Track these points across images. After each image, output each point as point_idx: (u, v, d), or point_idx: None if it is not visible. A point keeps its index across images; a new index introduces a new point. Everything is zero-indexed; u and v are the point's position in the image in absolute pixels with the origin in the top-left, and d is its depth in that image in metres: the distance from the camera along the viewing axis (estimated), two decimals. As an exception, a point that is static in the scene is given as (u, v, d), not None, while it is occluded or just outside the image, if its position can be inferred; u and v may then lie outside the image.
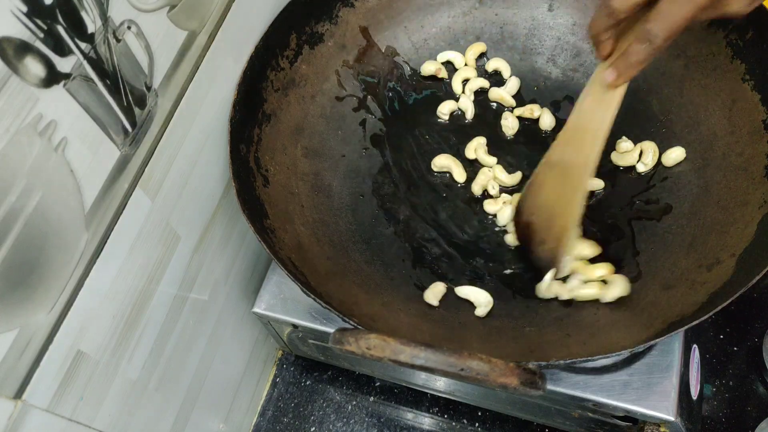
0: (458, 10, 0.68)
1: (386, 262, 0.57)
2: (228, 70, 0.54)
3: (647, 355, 0.53)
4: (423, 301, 0.54)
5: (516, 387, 0.36)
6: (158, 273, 0.49)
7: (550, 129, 0.63)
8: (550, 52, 0.66)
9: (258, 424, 0.72)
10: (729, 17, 0.42)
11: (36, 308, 0.38)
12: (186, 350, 0.55)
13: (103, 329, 0.44)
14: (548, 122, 0.63)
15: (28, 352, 0.37)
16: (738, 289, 0.44)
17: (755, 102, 0.54)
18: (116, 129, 0.42)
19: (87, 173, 0.40)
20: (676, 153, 0.58)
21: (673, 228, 0.55)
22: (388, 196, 0.61)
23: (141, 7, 0.42)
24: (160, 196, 0.48)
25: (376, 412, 0.71)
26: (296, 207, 0.57)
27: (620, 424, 0.55)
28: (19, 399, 0.37)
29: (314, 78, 0.63)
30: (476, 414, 0.70)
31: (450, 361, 0.35)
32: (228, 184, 0.58)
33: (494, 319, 0.53)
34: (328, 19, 0.64)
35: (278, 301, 0.60)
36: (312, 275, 0.51)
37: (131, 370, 0.48)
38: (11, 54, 0.33)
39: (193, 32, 0.48)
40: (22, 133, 0.35)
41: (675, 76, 0.60)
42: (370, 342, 0.36)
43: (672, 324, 0.45)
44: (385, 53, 0.67)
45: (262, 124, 0.58)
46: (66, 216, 0.39)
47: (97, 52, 0.39)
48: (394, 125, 0.65)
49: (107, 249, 0.43)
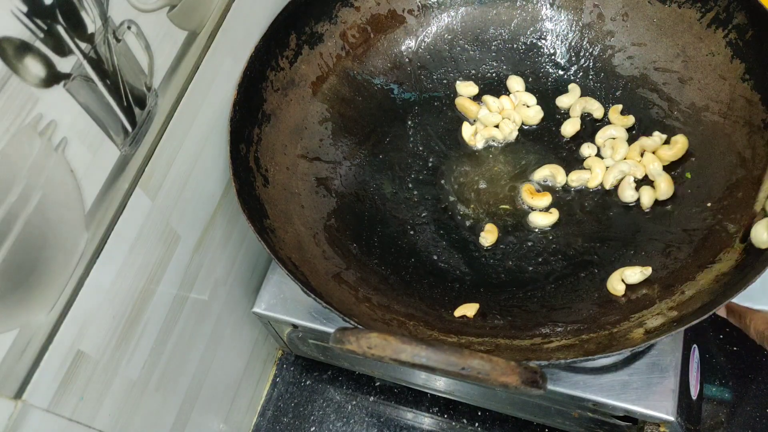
0: (459, 10, 0.68)
1: (387, 262, 0.57)
2: (228, 70, 0.54)
3: (647, 355, 0.53)
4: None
5: (517, 386, 0.36)
6: (158, 273, 0.49)
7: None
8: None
9: (258, 424, 0.72)
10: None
11: (36, 308, 0.38)
12: (186, 350, 0.55)
13: (103, 329, 0.44)
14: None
15: (28, 352, 0.37)
16: (738, 289, 0.44)
17: (755, 101, 0.54)
18: (116, 129, 0.42)
19: (87, 173, 0.40)
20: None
21: (672, 228, 0.55)
22: (389, 196, 0.61)
23: (141, 7, 0.42)
24: (160, 196, 0.48)
25: (376, 412, 0.71)
26: (296, 207, 0.57)
27: (620, 424, 0.55)
28: (19, 399, 0.37)
29: (314, 78, 0.63)
30: (476, 414, 0.70)
31: (451, 360, 0.35)
32: (228, 184, 0.58)
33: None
34: (328, 19, 0.64)
35: (278, 301, 0.60)
36: (312, 275, 0.51)
37: (131, 370, 0.48)
38: (11, 54, 0.33)
39: (193, 32, 0.48)
40: (22, 133, 0.35)
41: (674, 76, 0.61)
42: (371, 341, 0.36)
43: (672, 324, 0.46)
44: (386, 53, 0.67)
45: (262, 124, 0.58)
46: (66, 216, 0.39)
47: (97, 52, 0.39)
48: (395, 125, 0.65)
49: (107, 249, 0.43)
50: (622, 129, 0.61)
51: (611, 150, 0.60)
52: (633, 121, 0.61)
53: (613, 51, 0.64)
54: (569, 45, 0.66)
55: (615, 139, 0.60)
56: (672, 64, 0.61)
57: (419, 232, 0.59)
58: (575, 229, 0.57)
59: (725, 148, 0.56)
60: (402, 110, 0.66)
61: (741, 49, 0.56)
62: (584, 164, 0.60)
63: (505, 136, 0.63)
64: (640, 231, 0.56)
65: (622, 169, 0.58)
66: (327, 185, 0.60)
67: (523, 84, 0.65)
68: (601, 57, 0.65)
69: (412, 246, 0.58)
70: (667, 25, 0.61)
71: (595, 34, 0.65)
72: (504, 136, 0.63)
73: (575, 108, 0.63)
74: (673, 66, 0.61)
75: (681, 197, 0.56)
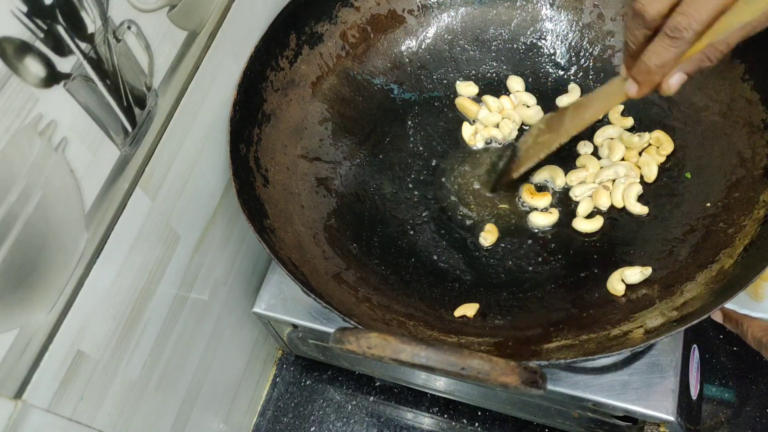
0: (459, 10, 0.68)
1: (387, 262, 0.57)
2: (228, 70, 0.54)
3: (647, 355, 0.53)
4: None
5: (517, 386, 0.36)
6: (158, 273, 0.49)
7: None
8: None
9: (258, 424, 0.72)
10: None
11: (36, 308, 0.38)
12: (186, 350, 0.55)
13: (103, 329, 0.44)
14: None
15: (28, 352, 0.37)
16: (738, 289, 0.44)
17: (755, 101, 0.54)
18: (116, 129, 0.42)
19: (87, 173, 0.40)
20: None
21: (672, 228, 0.55)
22: (389, 196, 0.61)
23: (141, 7, 0.42)
24: (160, 196, 0.48)
25: (376, 411, 0.71)
26: (296, 207, 0.57)
27: (620, 424, 0.55)
28: (19, 399, 0.37)
29: (314, 78, 0.63)
30: (476, 414, 0.70)
31: (451, 360, 0.35)
32: (228, 184, 0.58)
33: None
34: (327, 19, 0.64)
35: (278, 301, 0.60)
36: (312, 275, 0.51)
37: (131, 370, 0.48)
38: (11, 54, 0.33)
39: (193, 32, 0.48)
40: (22, 133, 0.35)
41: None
42: (371, 341, 0.36)
43: (672, 323, 0.46)
44: (386, 53, 0.67)
45: (262, 124, 0.58)
46: (66, 216, 0.39)
47: (97, 52, 0.39)
48: (395, 125, 0.65)
49: (107, 249, 0.43)
50: (621, 129, 0.61)
51: (608, 150, 0.60)
52: (632, 122, 0.61)
53: (613, 51, 0.64)
54: (569, 45, 0.66)
55: (613, 139, 0.60)
56: (672, 64, 0.61)
57: (419, 232, 0.59)
58: (575, 228, 0.57)
59: (725, 148, 0.56)
60: (402, 110, 0.66)
61: (741, 49, 0.56)
62: (577, 162, 0.60)
63: (505, 136, 0.63)
64: (639, 231, 0.56)
65: (617, 171, 0.58)
66: (327, 185, 0.60)
67: (523, 84, 0.65)
68: (601, 57, 0.65)
69: (412, 246, 0.58)
70: (667, 25, 0.61)
71: (595, 34, 0.65)
72: (504, 136, 0.63)
73: None
74: (673, 66, 0.61)
75: (681, 197, 0.56)
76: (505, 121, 0.63)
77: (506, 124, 0.63)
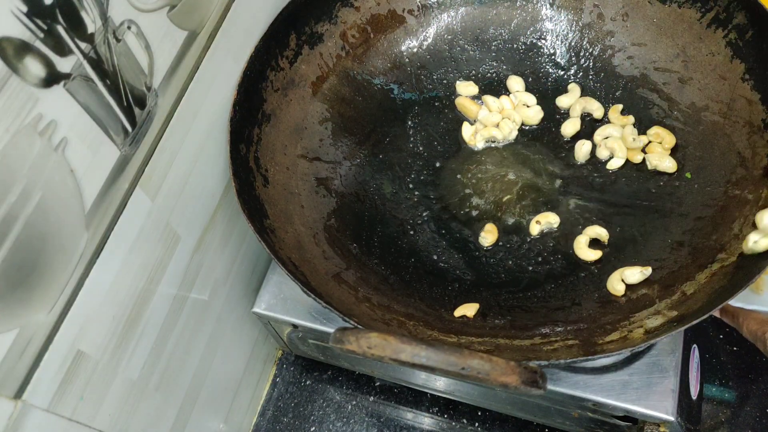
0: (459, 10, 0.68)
1: (386, 262, 0.57)
2: (228, 70, 0.54)
3: (647, 355, 0.53)
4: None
5: (517, 386, 0.36)
6: (158, 273, 0.49)
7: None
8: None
9: (258, 424, 0.72)
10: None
11: (36, 308, 0.38)
12: (186, 350, 0.55)
13: (103, 329, 0.44)
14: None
15: (28, 352, 0.37)
16: (738, 288, 0.44)
17: (755, 101, 0.54)
18: (116, 129, 0.42)
19: (87, 173, 0.40)
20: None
21: (672, 227, 0.55)
22: (389, 196, 0.61)
23: (141, 7, 0.42)
24: (160, 196, 0.48)
25: (376, 411, 0.71)
26: (296, 207, 0.57)
27: (620, 424, 0.55)
28: (19, 399, 0.37)
29: (314, 78, 0.63)
30: (476, 414, 0.70)
31: (451, 360, 0.35)
32: (228, 184, 0.58)
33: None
34: (328, 19, 0.64)
35: (278, 301, 0.60)
36: (312, 275, 0.51)
37: (131, 370, 0.48)
38: (11, 54, 0.33)
39: (193, 32, 0.48)
40: (22, 133, 0.35)
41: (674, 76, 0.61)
42: (371, 341, 0.36)
43: (672, 323, 0.46)
44: (386, 53, 0.67)
45: (262, 124, 0.58)
46: (66, 216, 0.39)
47: (97, 52, 0.39)
48: (395, 125, 0.65)
49: (107, 249, 0.43)
50: (621, 129, 0.61)
51: (608, 150, 0.60)
52: (633, 121, 0.61)
53: (613, 51, 0.64)
54: (569, 45, 0.66)
55: (612, 138, 0.60)
56: (672, 64, 0.61)
57: (419, 232, 0.59)
58: (575, 229, 0.57)
59: (725, 148, 0.56)
60: (402, 110, 0.66)
61: (741, 49, 0.56)
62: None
63: (505, 136, 0.63)
64: (639, 230, 0.56)
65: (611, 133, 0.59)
66: (327, 185, 0.60)
67: (523, 84, 0.65)
68: (601, 57, 0.65)
69: (412, 246, 0.58)
70: (667, 25, 0.61)
71: (595, 34, 0.65)
72: (504, 136, 0.63)
73: (575, 108, 0.63)
74: (673, 66, 0.61)
75: (680, 197, 0.56)
76: (505, 121, 0.63)
77: (506, 124, 0.63)
